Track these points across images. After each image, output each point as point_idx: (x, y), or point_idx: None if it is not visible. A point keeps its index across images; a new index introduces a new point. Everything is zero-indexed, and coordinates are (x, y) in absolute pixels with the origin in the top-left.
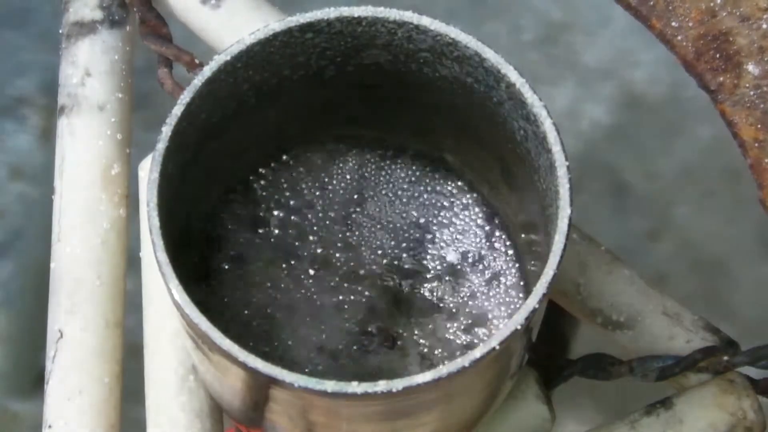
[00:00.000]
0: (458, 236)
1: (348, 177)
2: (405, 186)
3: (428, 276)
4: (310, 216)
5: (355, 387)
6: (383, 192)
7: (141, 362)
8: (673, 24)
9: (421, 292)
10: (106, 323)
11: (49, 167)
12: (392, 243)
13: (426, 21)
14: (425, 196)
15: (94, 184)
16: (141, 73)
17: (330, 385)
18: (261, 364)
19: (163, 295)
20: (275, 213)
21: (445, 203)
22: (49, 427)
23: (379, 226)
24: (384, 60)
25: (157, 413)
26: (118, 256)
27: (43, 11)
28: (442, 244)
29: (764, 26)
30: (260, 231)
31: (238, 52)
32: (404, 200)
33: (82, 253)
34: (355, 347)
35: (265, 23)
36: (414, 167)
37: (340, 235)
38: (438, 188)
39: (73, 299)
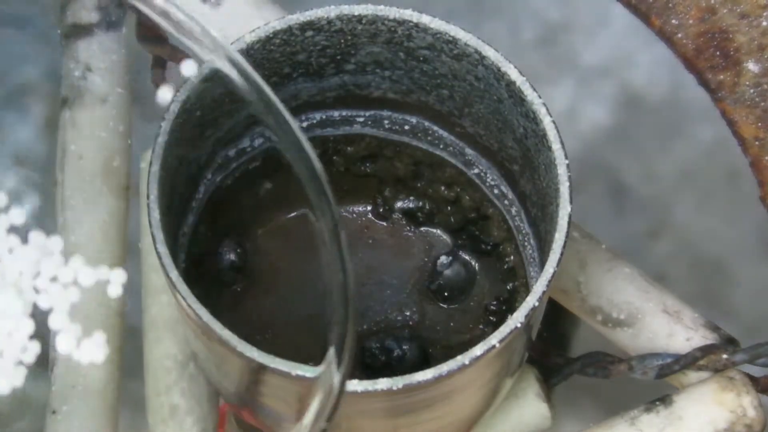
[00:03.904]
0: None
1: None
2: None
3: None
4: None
5: (356, 385)
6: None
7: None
8: (673, 21)
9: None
10: None
11: (52, 158)
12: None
13: (426, 19)
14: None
15: (95, 175)
16: (143, 70)
17: None
18: (257, 354)
19: (163, 286)
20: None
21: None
22: (53, 412)
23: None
24: (384, 58)
25: (158, 399)
26: (118, 246)
27: (40, 19)
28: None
29: (764, 24)
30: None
31: (238, 50)
32: None
33: (84, 243)
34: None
35: (266, 21)
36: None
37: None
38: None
39: None
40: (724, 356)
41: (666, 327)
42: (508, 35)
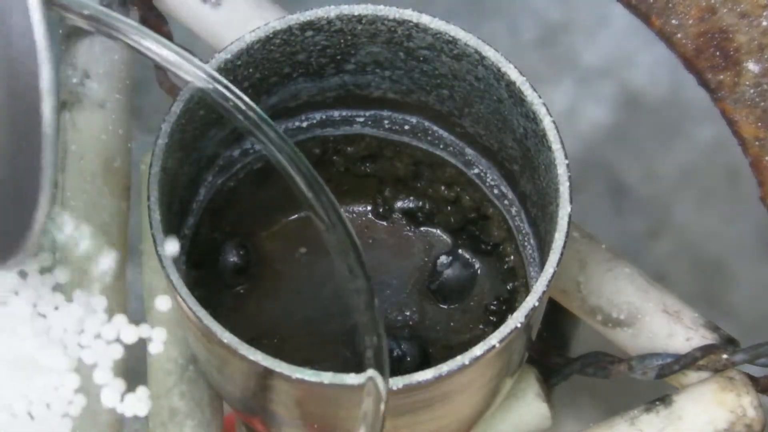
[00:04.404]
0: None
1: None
2: None
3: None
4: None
5: (353, 379)
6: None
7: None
8: (673, 21)
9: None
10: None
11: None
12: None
13: (426, 19)
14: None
15: (96, 177)
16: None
17: (327, 377)
18: (260, 357)
19: (164, 288)
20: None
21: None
22: None
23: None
24: (384, 58)
25: (157, 401)
26: (119, 247)
27: None
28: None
29: (764, 23)
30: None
31: (238, 50)
32: None
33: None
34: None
35: (266, 21)
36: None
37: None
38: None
39: None
40: (724, 356)
41: (666, 327)
42: (508, 35)
